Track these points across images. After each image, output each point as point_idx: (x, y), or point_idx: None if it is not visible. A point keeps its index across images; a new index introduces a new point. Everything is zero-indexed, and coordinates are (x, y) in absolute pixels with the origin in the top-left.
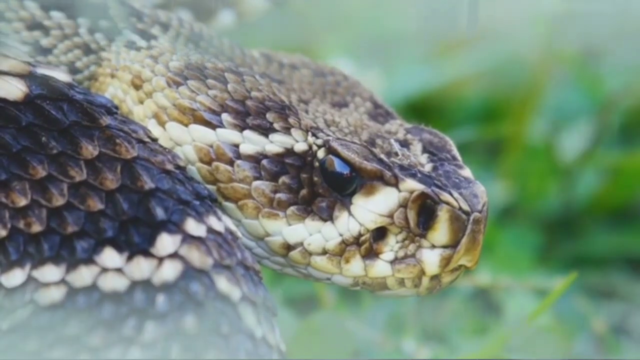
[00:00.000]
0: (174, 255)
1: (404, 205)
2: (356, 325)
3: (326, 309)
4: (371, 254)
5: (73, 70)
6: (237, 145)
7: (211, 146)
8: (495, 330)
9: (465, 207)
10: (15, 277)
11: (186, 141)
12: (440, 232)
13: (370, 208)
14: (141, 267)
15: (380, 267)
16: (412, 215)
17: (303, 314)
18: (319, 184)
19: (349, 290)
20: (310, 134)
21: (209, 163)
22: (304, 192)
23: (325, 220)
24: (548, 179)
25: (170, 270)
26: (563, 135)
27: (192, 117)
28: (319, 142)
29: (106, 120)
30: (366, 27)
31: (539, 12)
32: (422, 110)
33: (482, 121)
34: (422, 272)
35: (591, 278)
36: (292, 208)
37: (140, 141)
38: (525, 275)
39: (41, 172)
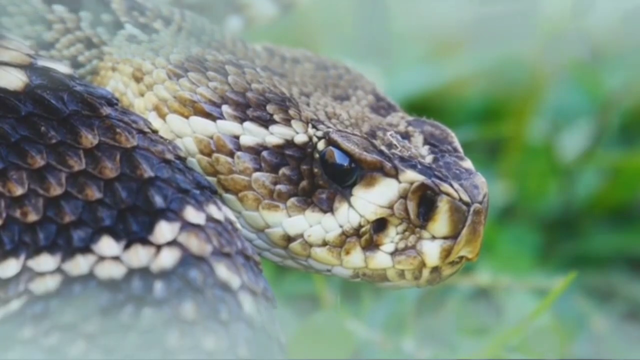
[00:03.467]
0: (173, 243)
1: (404, 196)
2: (356, 325)
3: (326, 309)
4: (371, 245)
5: (75, 64)
6: (237, 137)
7: (211, 138)
8: (495, 330)
9: (466, 198)
10: (10, 267)
11: (186, 133)
12: (441, 223)
13: (371, 199)
14: (139, 255)
15: (381, 259)
16: (412, 207)
17: (303, 314)
18: (319, 176)
19: (349, 290)
20: (310, 125)
21: (209, 155)
22: (304, 183)
23: (325, 212)
24: (548, 179)
25: (168, 258)
26: (563, 135)
27: (193, 109)
28: (319, 133)
29: (106, 110)
30: (366, 27)
31: (540, 12)
32: (422, 110)
33: (482, 121)
34: (423, 264)
35: (591, 278)
36: (292, 199)
37: (140, 131)
38: (525, 275)
39: (39, 161)
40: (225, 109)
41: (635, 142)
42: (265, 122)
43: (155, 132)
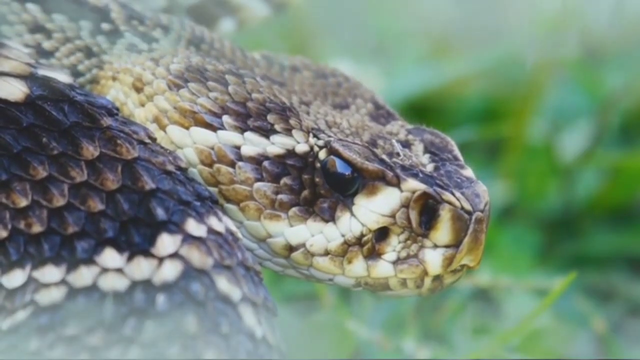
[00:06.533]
0: (174, 255)
1: (406, 205)
2: (356, 325)
3: (326, 309)
4: (373, 254)
5: (75, 73)
6: (238, 147)
7: (212, 148)
8: (495, 330)
9: (467, 206)
10: (16, 277)
11: (187, 144)
12: (443, 231)
13: (372, 208)
14: (141, 267)
15: (383, 268)
16: (414, 215)
17: (303, 314)
18: (320, 185)
19: (349, 290)
20: (311, 135)
21: (210, 165)
22: (305, 193)
23: (327, 221)
24: (548, 179)
25: (170, 270)
26: (563, 135)
27: (193, 119)
28: (321, 143)
29: (107, 121)
30: (366, 27)
31: (540, 12)
32: (422, 110)
33: (482, 121)
34: (425, 273)
35: (591, 278)
36: (294, 209)
37: (141, 142)
38: (525, 275)
39: (42, 172)
40: (226, 119)
41: (635, 142)
42: (266, 132)
43: (154, 140)
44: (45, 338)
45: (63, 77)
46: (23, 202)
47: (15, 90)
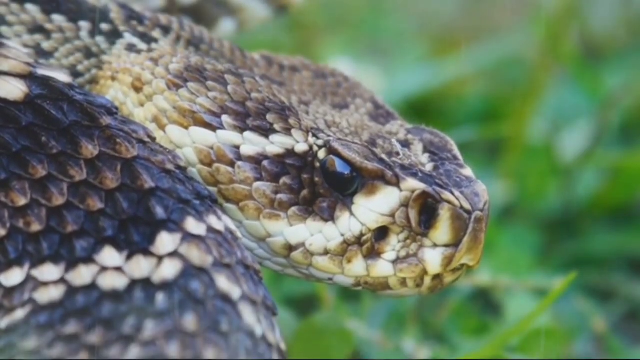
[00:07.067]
0: (174, 254)
1: (405, 204)
2: (356, 325)
3: (326, 309)
4: (373, 253)
5: (74, 73)
6: (237, 147)
7: (212, 148)
8: (495, 330)
9: (467, 205)
10: (15, 276)
11: (186, 144)
12: (442, 230)
13: (372, 208)
14: (141, 266)
15: (382, 267)
16: (413, 215)
17: (303, 314)
18: (320, 185)
19: (349, 290)
20: (310, 134)
21: (209, 165)
22: (305, 192)
23: (326, 221)
24: (548, 179)
25: (169, 269)
26: (563, 135)
27: (192, 119)
28: (320, 142)
29: (106, 120)
30: (366, 27)
31: (540, 12)
32: (422, 110)
33: (482, 121)
34: (424, 272)
35: (591, 278)
36: (294, 209)
37: (140, 141)
38: (525, 275)
39: (41, 171)
40: (225, 118)
41: (635, 142)
42: (266, 131)
43: (153, 139)
44: (44, 336)
45: (62, 77)
46: (22, 201)
47: (15, 90)
